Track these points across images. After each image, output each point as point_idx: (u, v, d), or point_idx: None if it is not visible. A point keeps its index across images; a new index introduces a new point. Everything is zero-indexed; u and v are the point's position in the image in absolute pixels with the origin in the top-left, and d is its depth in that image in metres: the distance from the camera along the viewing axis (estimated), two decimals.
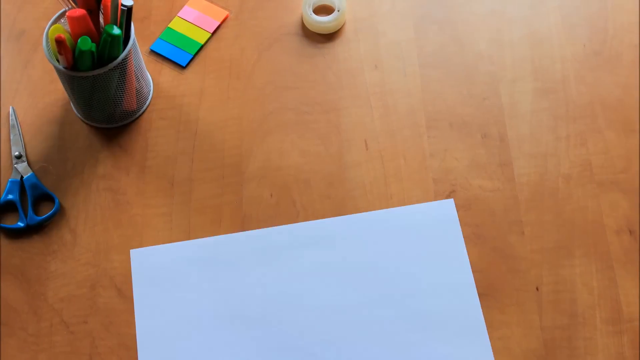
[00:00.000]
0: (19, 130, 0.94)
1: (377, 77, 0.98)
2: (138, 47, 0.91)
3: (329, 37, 1.01)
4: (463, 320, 0.83)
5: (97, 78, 0.85)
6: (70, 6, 0.86)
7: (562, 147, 0.93)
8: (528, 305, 0.84)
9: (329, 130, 0.95)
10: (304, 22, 1.02)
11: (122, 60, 0.86)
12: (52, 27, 0.85)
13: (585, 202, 0.89)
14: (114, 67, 0.85)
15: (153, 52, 1.01)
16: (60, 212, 0.90)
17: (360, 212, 0.89)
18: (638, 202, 0.89)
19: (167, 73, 0.99)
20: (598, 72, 0.98)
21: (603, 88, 0.96)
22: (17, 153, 0.92)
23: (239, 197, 0.91)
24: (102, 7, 0.87)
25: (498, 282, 0.85)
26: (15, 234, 0.89)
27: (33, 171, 0.92)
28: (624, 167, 0.91)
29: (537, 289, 0.85)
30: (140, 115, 0.96)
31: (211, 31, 1.01)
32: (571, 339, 0.82)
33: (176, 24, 1.02)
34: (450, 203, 0.88)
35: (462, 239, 0.87)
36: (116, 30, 0.84)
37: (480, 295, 0.85)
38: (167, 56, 1.00)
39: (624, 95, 0.96)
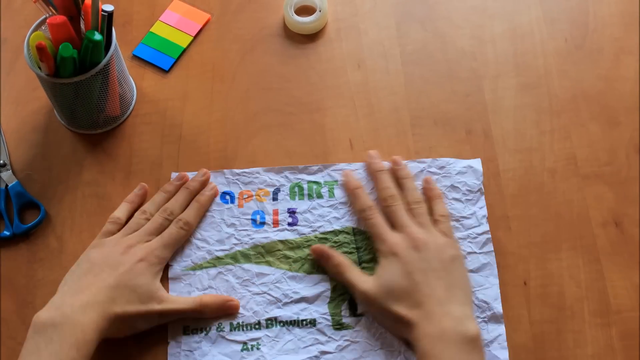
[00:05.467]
0: (2, 138, 0.94)
1: (360, 76, 0.98)
2: (120, 52, 0.91)
3: (311, 37, 1.01)
4: None
5: (79, 84, 0.85)
6: (50, 13, 0.86)
7: (547, 141, 0.93)
8: (516, 300, 0.84)
9: (313, 131, 0.95)
10: (286, 23, 1.02)
11: (104, 65, 0.86)
12: (33, 34, 0.85)
13: (570, 196, 0.90)
14: (96, 72, 0.85)
15: (135, 56, 1.00)
16: (46, 220, 0.90)
17: None
18: (623, 194, 0.90)
19: (150, 77, 0.99)
20: (580, 66, 0.98)
21: (585, 82, 0.97)
22: (1, 161, 0.92)
23: None
24: (82, 13, 0.86)
25: None
26: (1, 243, 0.89)
27: (18, 179, 0.92)
28: (609, 159, 0.92)
29: (524, 283, 0.85)
30: (124, 121, 0.96)
31: (193, 34, 1.01)
32: (560, 332, 0.83)
33: (158, 28, 1.02)
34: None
35: None
36: (97, 36, 0.83)
37: None
38: (149, 60, 0.99)
39: (606, 89, 0.96)
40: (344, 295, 0.84)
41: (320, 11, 1.00)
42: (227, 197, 0.90)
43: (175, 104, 0.97)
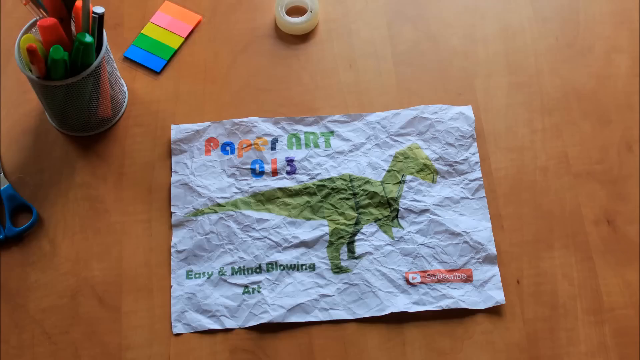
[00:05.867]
0: None
1: (351, 77, 0.99)
2: (111, 54, 0.91)
3: (303, 38, 1.01)
4: None
5: (70, 86, 0.85)
6: (41, 15, 0.86)
7: (538, 140, 0.94)
8: (509, 298, 0.85)
9: None
10: (277, 23, 1.02)
11: (96, 67, 0.85)
12: (24, 37, 0.85)
13: (562, 194, 0.90)
14: (88, 75, 0.85)
15: (127, 58, 1.00)
16: (38, 223, 0.89)
17: None
18: (615, 192, 0.90)
19: (142, 79, 0.99)
20: (571, 64, 0.99)
21: (577, 80, 0.98)
22: None
23: None
24: (73, 15, 0.86)
25: None
26: None
27: (9, 182, 0.91)
28: (600, 157, 0.92)
29: (517, 282, 0.86)
30: (115, 123, 0.96)
31: (184, 36, 1.01)
32: (553, 331, 0.83)
33: (149, 30, 1.02)
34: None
35: None
36: (88, 38, 0.83)
37: None
38: (141, 62, 1.00)
39: (597, 87, 0.97)
40: (342, 239, 0.87)
41: (311, 11, 1.00)
42: (227, 148, 0.92)
43: (167, 105, 0.97)
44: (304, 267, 0.86)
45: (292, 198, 0.89)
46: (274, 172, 0.91)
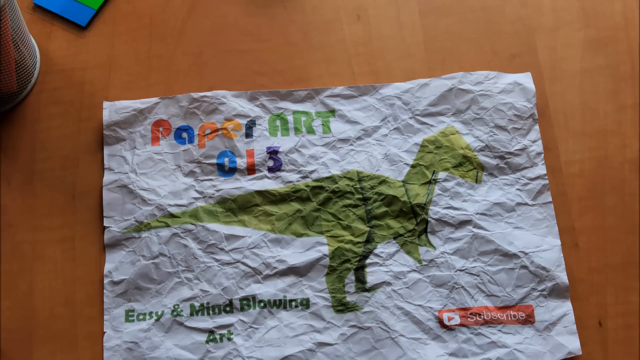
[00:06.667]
0: None
1: (360, 32, 0.97)
2: (15, 1, 0.87)
3: None
4: None
5: None
6: None
7: (628, 120, 0.93)
8: (588, 346, 0.84)
9: None
10: None
11: None
12: None
13: None
14: None
15: (38, 7, 0.99)
16: None
17: None
18: None
19: (60, 37, 0.97)
20: None
21: None
22: None
23: None
24: None
25: None
26: None
27: None
28: None
29: (600, 324, 0.85)
30: (23, 100, 0.94)
31: None
32: None
33: None
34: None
35: None
36: None
37: None
38: (59, 13, 0.98)
39: None
40: (347, 263, 0.85)
41: None
42: (184, 134, 0.91)
43: (97, 74, 0.95)
44: (293, 303, 0.84)
45: (277, 205, 0.88)
46: (251, 169, 0.89)
